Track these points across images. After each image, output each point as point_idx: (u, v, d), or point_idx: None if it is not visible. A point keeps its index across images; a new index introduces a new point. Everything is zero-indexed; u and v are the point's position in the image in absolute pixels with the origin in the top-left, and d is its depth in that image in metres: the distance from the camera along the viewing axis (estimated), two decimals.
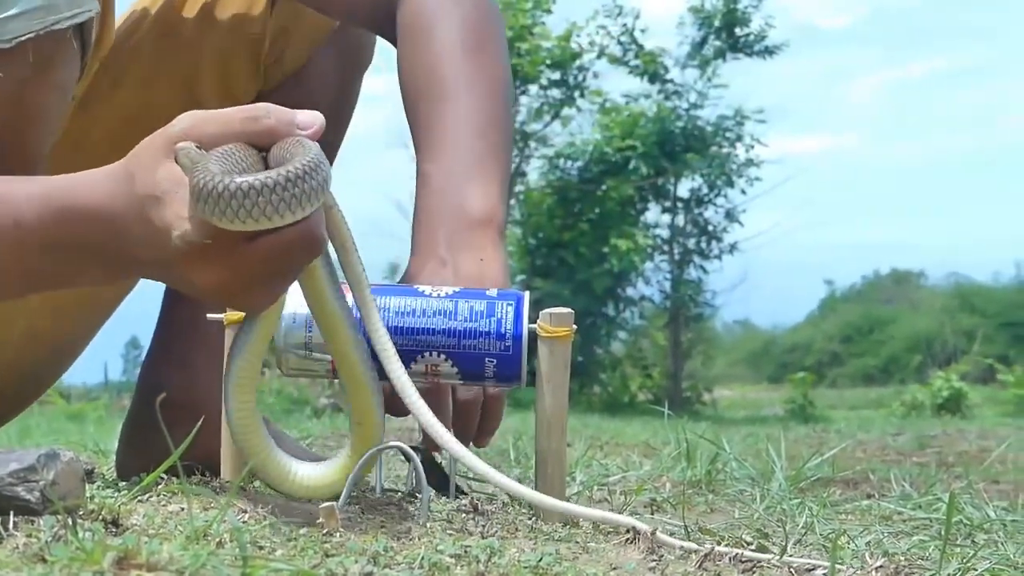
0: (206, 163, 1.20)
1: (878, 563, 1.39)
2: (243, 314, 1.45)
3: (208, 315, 1.59)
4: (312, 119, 1.28)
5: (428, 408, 1.41)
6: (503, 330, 1.52)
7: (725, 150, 20.83)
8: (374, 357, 1.45)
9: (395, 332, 1.50)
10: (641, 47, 20.87)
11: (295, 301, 1.50)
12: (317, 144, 1.26)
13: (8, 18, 1.50)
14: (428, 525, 1.40)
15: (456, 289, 1.56)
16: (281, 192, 1.18)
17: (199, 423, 1.44)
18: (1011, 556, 1.56)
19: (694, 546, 1.34)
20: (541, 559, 1.22)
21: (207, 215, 1.18)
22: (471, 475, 1.93)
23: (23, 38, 1.50)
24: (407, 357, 1.50)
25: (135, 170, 1.26)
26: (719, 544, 1.38)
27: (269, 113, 1.28)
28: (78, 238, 1.31)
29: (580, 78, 20.74)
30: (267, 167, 1.26)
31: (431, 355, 1.53)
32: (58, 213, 1.31)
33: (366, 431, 1.47)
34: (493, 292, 1.56)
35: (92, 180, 1.32)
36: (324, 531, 1.27)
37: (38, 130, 1.62)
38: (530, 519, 1.52)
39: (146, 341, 2.06)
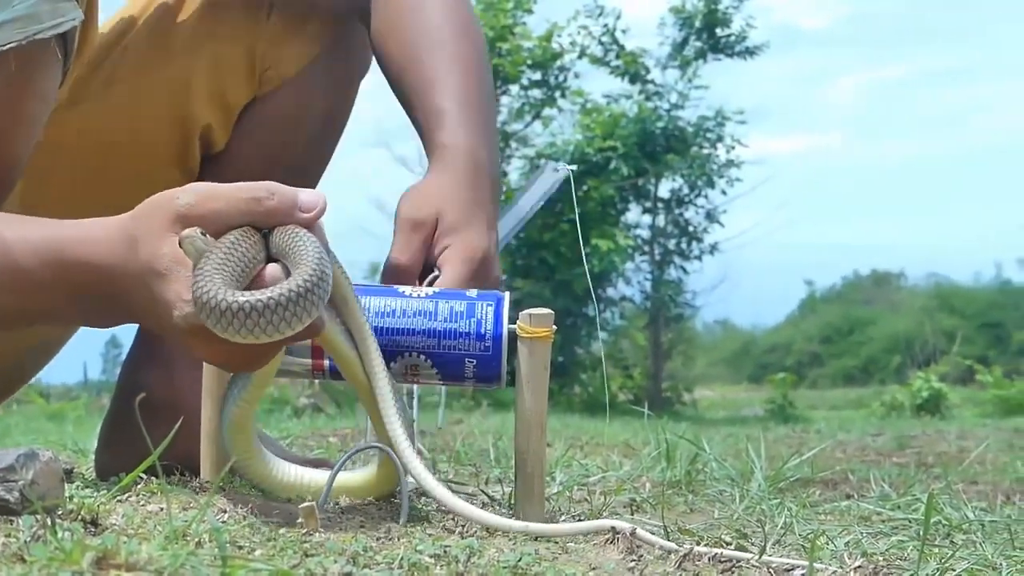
0: (210, 264, 1.22)
1: (857, 563, 1.40)
2: None
3: None
4: (314, 200, 1.32)
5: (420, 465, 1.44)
6: (483, 331, 1.52)
7: (706, 151, 20.84)
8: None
9: (376, 332, 1.50)
10: (622, 47, 20.88)
11: None
12: (316, 241, 1.30)
13: None
14: (408, 525, 1.41)
15: (436, 290, 1.56)
16: (282, 312, 1.21)
17: (178, 423, 1.43)
18: (989, 556, 1.56)
19: (673, 546, 1.34)
20: (520, 559, 1.22)
21: (209, 326, 1.22)
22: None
23: (6, 47, 1.50)
24: (387, 357, 1.50)
25: (139, 236, 1.30)
26: (699, 544, 1.39)
27: (272, 194, 1.31)
28: (80, 287, 1.35)
29: (561, 78, 20.73)
30: (268, 256, 1.31)
31: (411, 355, 1.53)
32: (58, 264, 1.35)
33: (392, 467, 1.49)
34: (473, 293, 1.56)
35: (94, 237, 1.35)
36: (304, 531, 1.27)
37: (18, 137, 1.62)
38: (510, 519, 1.52)
39: (126, 341, 2.06)
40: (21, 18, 1.52)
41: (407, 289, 1.55)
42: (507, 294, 1.57)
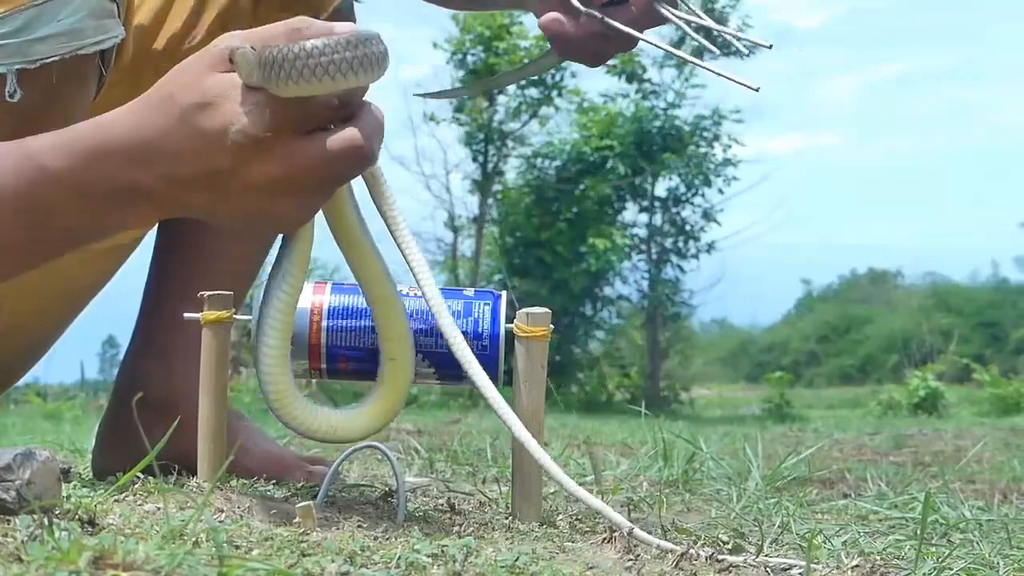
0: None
1: (854, 562, 1.40)
2: (215, 315, 1.46)
3: (185, 314, 1.60)
4: (347, 29, 1.32)
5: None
6: (480, 330, 1.53)
7: (702, 150, 20.85)
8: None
9: (373, 332, 1.50)
10: None
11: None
12: None
13: (35, 40, 1.51)
14: (405, 524, 1.41)
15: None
16: (343, 52, 1.24)
17: (176, 422, 1.43)
18: (986, 555, 1.56)
19: (670, 545, 1.34)
20: (518, 558, 1.22)
21: (276, 81, 1.23)
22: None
23: (49, 60, 1.51)
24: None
25: (173, 88, 1.29)
26: (696, 544, 1.39)
27: (309, 25, 1.31)
28: (107, 178, 1.32)
29: (558, 77, 20.72)
30: None
31: None
32: (83, 156, 1.32)
33: (399, 367, 1.48)
34: (470, 292, 1.56)
35: (113, 116, 1.33)
36: (301, 530, 1.27)
37: None
38: (506, 518, 1.52)
39: (123, 340, 2.06)
40: (66, 33, 1.54)
41: (404, 288, 1.55)
42: (504, 293, 1.57)
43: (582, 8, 1.64)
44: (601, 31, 1.69)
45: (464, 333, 1.52)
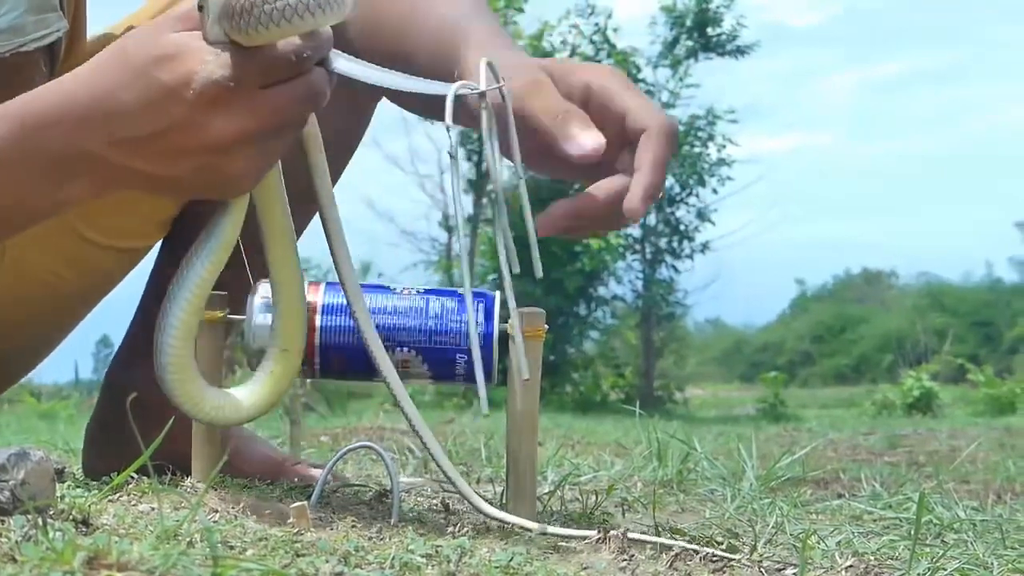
0: None
1: (848, 563, 1.40)
2: (209, 315, 1.47)
3: None
4: None
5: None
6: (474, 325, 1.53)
7: (697, 149, 20.88)
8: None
9: None
10: (613, 46, 20.91)
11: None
12: None
13: None
14: (399, 524, 1.41)
15: (426, 287, 1.56)
16: None
17: (170, 422, 1.43)
18: (980, 556, 1.57)
19: (665, 541, 1.34)
20: (512, 559, 1.22)
21: (244, 28, 1.22)
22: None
23: None
24: None
25: (128, 45, 1.27)
26: (690, 544, 1.39)
27: None
28: (52, 145, 1.28)
29: None
30: None
31: (402, 351, 1.53)
32: (24, 124, 1.29)
33: (289, 357, 1.47)
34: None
35: (58, 82, 1.31)
36: (295, 531, 1.27)
37: None
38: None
39: (117, 340, 2.05)
40: (5, 30, 1.52)
41: (398, 287, 1.55)
42: (497, 293, 1.57)
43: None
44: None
45: (458, 330, 1.52)
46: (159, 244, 1.95)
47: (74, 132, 1.27)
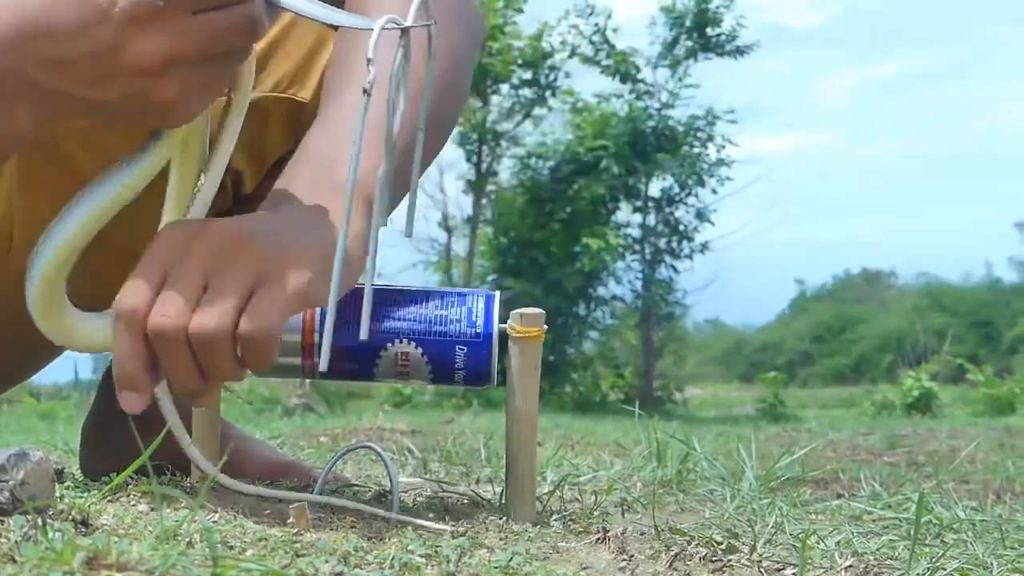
0: None
1: (847, 563, 1.40)
2: None
3: None
4: None
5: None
6: (474, 318, 1.53)
7: (696, 150, 20.87)
8: None
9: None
10: (613, 47, 20.91)
11: None
12: None
13: None
14: (399, 524, 1.41)
15: (426, 287, 1.56)
16: None
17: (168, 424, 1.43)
18: (980, 556, 1.57)
19: (667, 534, 1.34)
20: (511, 559, 1.22)
21: None
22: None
23: None
24: (378, 344, 1.50)
25: None
26: (689, 544, 1.39)
27: None
28: None
29: (551, 78, 20.76)
30: None
31: (401, 342, 1.52)
32: None
33: None
34: (465, 290, 1.56)
35: None
36: (294, 531, 1.27)
37: None
38: (500, 519, 1.52)
39: None
40: None
41: (399, 285, 1.56)
42: (497, 293, 1.57)
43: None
44: None
45: (458, 321, 1.52)
46: None
47: (6, 53, 1.25)
